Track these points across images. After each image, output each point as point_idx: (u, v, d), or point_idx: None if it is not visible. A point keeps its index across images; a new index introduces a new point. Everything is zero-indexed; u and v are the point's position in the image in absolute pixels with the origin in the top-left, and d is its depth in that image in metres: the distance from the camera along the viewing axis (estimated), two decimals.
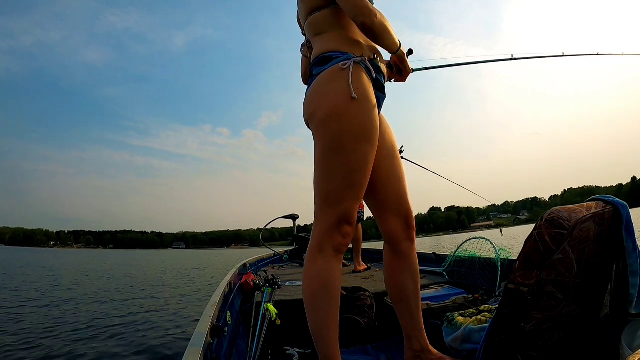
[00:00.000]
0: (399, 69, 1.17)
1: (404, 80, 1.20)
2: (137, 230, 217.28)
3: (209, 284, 7.61)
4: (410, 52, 1.27)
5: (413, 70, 1.26)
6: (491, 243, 2.12)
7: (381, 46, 1.08)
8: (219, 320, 1.16)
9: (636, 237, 0.95)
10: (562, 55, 2.06)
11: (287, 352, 1.31)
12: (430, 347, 1.08)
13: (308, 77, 1.25)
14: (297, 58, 1.31)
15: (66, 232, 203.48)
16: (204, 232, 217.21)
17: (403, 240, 1.10)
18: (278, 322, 1.30)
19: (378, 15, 0.99)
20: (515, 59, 1.92)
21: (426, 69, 1.49)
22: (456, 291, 1.75)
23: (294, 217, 4.34)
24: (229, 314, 1.36)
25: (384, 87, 1.09)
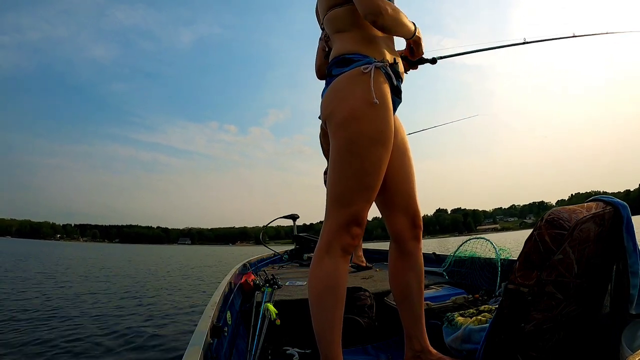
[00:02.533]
0: (412, 51, 1.16)
1: (414, 58, 1.18)
2: (143, 225, 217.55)
3: (211, 282, 7.60)
4: (434, 61, 1.26)
5: (424, 61, 1.25)
6: (491, 243, 2.12)
7: (396, 36, 1.08)
8: (219, 320, 1.16)
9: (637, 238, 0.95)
10: (573, 36, 2.06)
11: (287, 352, 1.31)
12: (430, 348, 1.09)
13: (322, 72, 1.25)
14: (303, 57, 1.35)
15: (72, 225, 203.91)
16: (209, 228, 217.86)
17: (409, 240, 1.10)
18: (278, 322, 1.29)
19: (389, 11, 0.98)
20: (527, 42, 1.91)
21: (440, 58, 1.48)
22: (456, 291, 1.75)
23: (294, 217, 4.33)
24: (229, 314, 1.36)
25: (401, 92, 1.10)
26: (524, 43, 1.92)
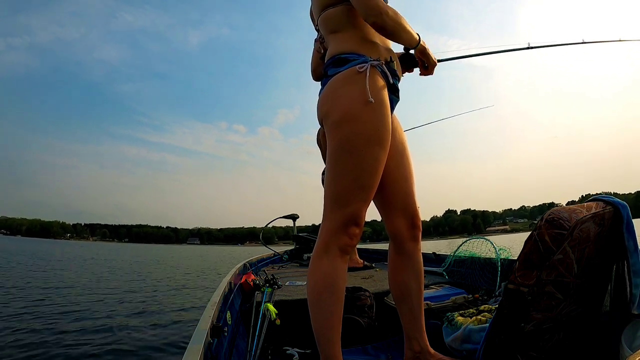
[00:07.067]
0: (423, 63, 1.14)
1: (431, 73, 1.17)
2: (153, 224, 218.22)
3: (213, 281, 7.60)
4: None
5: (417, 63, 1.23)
6: (491, 243, 2.12)
7: (399, 43, 1.06)
8: (219, 320, 1.16)
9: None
10: (582, 43, 1.94)
11: (287, 352, 1.31)
12: (430, 348, 1.08)
13: (318, 74, 1.25)
14: (310, 57, 1.31)
15: (82, 224, 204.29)
16: (218, 228, 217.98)
17: (408, 240, 1.10)
18: (278, 322, 1.30)
19: (390, 13, 0.97)
20: (531, 47, 1.85)
21: (439, 61, 1.45)
22: (456, 291, 1.75)
23: (293, 217, 4.33)
24: (229, 314, 1.36)
25: (398, 91, 1.09)
26: (527, 48, 1.87)
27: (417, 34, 1.05)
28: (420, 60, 1.13)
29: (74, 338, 3.10)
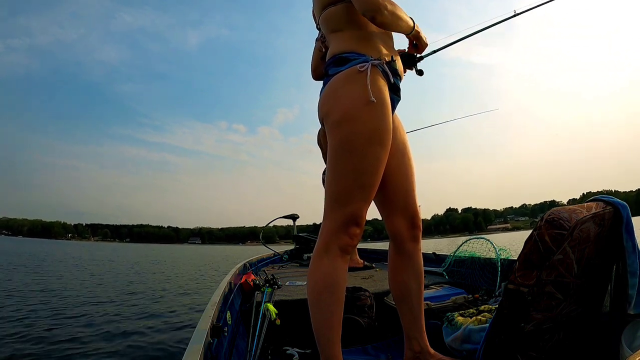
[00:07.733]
0: (415, 45, 1.16)
1: (420, 52, 1.19)
2: (154, 224, 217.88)
3: (212, 282, 7.60)
4: (420, 73, 1.25)
5: (417, 61, 1.24)
6: (491, 243, 2.12)
7: (396, 32, 1.08)
8: (218, 320, 1.16)
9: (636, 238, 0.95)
10: None
11: (287, 352, 1.31)
12: (430, 348, 1.08)
13: (319, 73, 1.25)
14: (310, 56, 1.31)
15: (84, 225, 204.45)
16: (219, 227, 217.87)
17: (408, 240, 1.10)
18: (278, 322, 1.30)
19: (388, 7, 0.97)
20: (518, 14, 1.88)
21: (434, 51, 1.46)
22: (456, 291, 1.75)
23: (293, 217, 4.33)
24: (228, 314, 1.36)
25: (399, 90, 1.08)
26: (514, 15, 1.89)
27: (412, 19, 1.07)
28: (412, 42, 1.15)
29: (74, 339, 3.10)
